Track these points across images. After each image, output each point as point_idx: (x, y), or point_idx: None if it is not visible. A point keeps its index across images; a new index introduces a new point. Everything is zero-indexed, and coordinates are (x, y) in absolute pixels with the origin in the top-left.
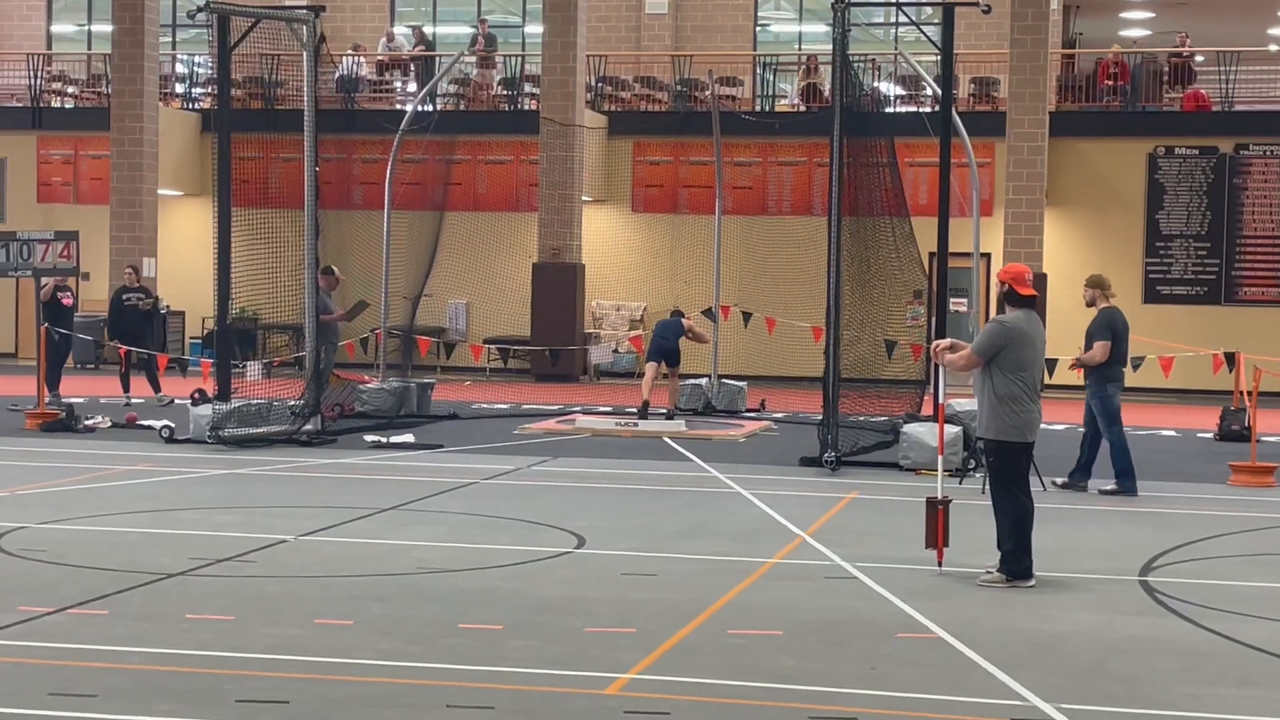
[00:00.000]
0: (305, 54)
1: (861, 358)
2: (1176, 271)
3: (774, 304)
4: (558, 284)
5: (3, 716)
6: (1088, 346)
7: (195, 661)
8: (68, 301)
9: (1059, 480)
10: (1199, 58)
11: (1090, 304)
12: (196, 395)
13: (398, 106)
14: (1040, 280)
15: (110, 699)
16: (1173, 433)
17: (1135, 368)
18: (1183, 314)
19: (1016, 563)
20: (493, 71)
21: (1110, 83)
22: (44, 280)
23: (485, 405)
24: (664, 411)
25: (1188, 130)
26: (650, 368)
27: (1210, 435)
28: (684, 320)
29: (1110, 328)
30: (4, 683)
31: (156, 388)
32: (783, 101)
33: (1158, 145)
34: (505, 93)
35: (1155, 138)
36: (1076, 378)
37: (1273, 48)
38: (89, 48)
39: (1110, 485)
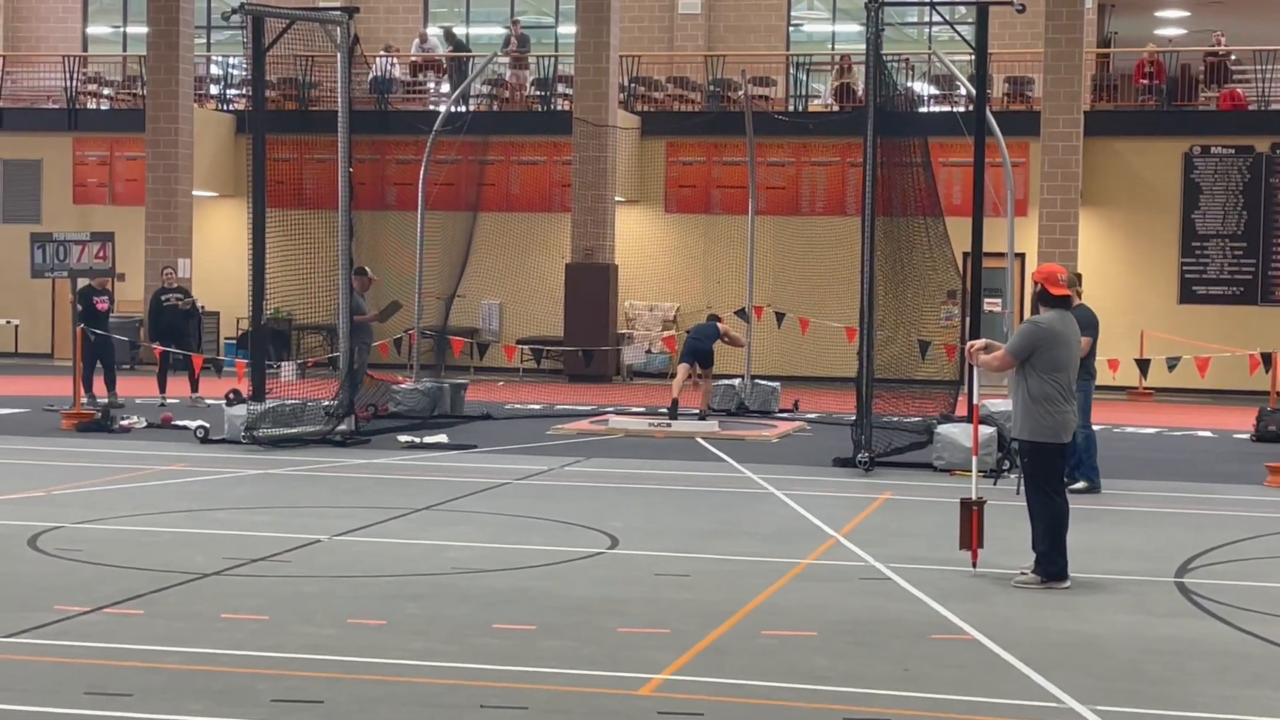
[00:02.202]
0: (339, 55)
1: (895, 358)
2: (1212, 271)
3: (807, 304)
4: (591, 284)
5: (39, 715)
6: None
7: (230, 661)
8: (102, 306)
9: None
10: (1235, 57)
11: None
12: (231, 395)
13: (431, 107)
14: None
15: (145, 698)
16: (1208, 433)
17: (1171, 368)
18: (1218, 314)
19: (1052, 564)
20: (526, 72)
21: (1145, 82)
22: (81, 281)
23: (518, 406)
24: (696, 412)
25: (1224, 130)
26: (682, 369)
27: (1246, 436)
28: (719, 324)
29: (1093, 325)
30: (41, 681)
31: (195, 387)
32: (816, 101)
33: (1193, 145)
34: (538, 93)
35: (1191, 137)
36: (1110, 377)
37: None
38: (124, 49)
39: (1080, 484)
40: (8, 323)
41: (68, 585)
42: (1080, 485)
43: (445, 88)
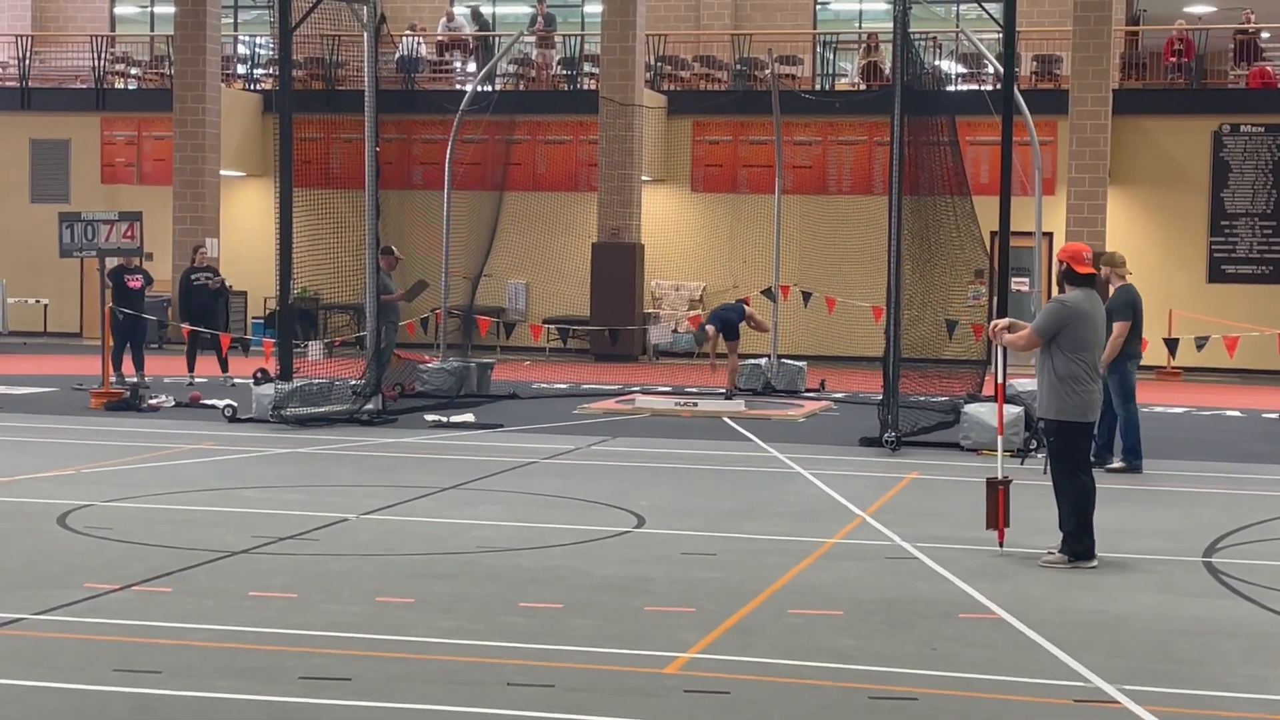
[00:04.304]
0: (366, 35)
1: (922, 338)
2: (1241, 250)
3: (834, 284)
4: (617, 264)
5: (68, 692)
6: (1105, 324)
7: (258, 638)
8: (134, 284)
9: None
10: (1264, 34)
11: (1105, 281)
12: (259, 375)
13: (457, 87)
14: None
15: (174, 675)
16: (1237, 413)
17: (1200, 348)
18: (1247, 293)
19: (1078, 543)
20: (552, 51)
21: (1174, 60)
22: (111, 261)
23: (545, 385)
24: (722, 391)
25: (1253, 108)
26: (710, 329)
27: (1275, 415)
28: (746, 308)
29: (1131, 306)
30: (69, 659)
31: (224, 367)
32: (843, 80)
33: (1223, 123)
34: (565, 73)
35: (1220, 115)
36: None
37: None
38: (152, 29)
39: (1118, 463)
40: (36, 302)
41: (97, 563)
42: (1118, 465)
43: (471, 67)
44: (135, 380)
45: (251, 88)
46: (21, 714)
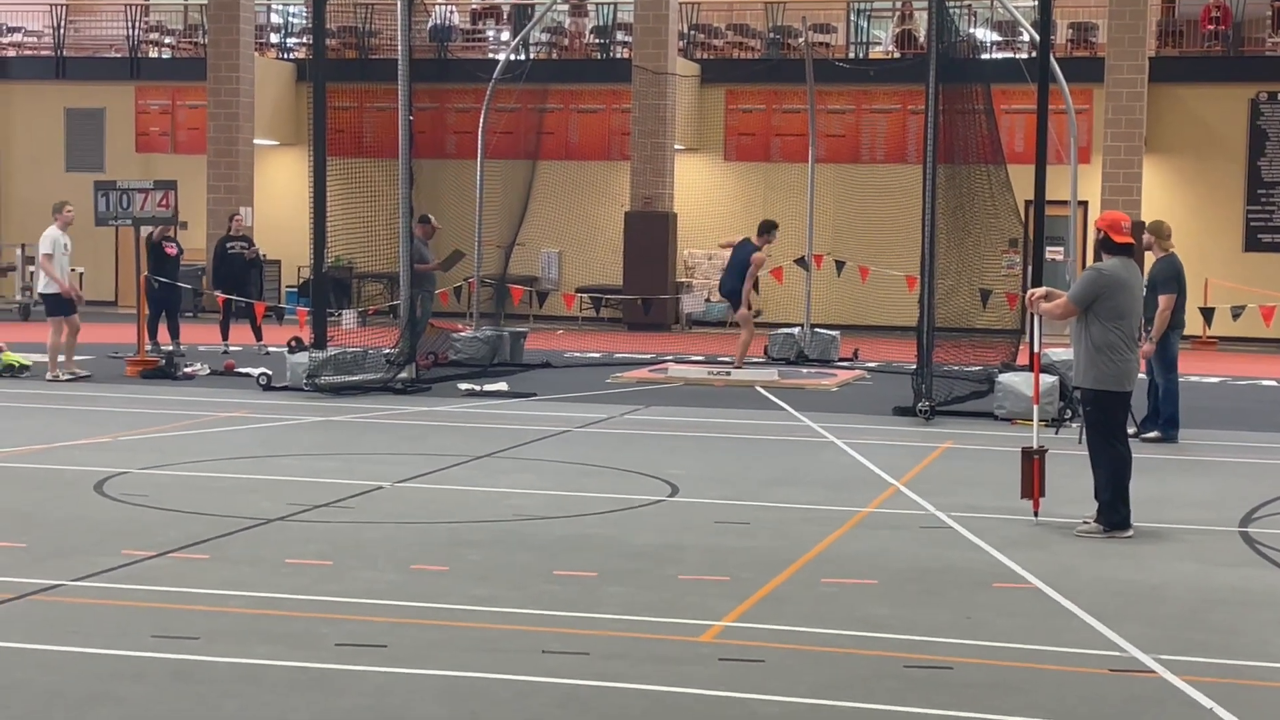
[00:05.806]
0: (399, 3)
1: (956, 307)
2: (1278, 219)
3: (868, 253)
4: (650, 233)
5: (107, 658)
6: (1150, 295)
7: (294, 605)
8: (171, 251)
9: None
10: None
11: (1146, 249)
12: (293, 343)
13: (491, 55)
14: (1137, 228)
15: (211, 641)
16: (1273, 383)
17: (1235, 317)
18: None
19: (1114, 513)
20: (585, 20)
21: (1211, 27)
22: (145, 229)
23: (578, 354)
24: (759, 360)
25: None
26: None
27: None
28: (754, 253)
29: (1177, 278)
30: (108, 625)
31: (259, 335)
32: (877, 48)
33: (1260, 91)
34: (598, 41)
35: (1257, 83)
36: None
37: None
38: None
39: (1154, 433)
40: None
41: (134, 530)
42: (1153, 435)
43: (505, 35)
44: (171, 348)
45: (285, 56)
46: (61, 679)
